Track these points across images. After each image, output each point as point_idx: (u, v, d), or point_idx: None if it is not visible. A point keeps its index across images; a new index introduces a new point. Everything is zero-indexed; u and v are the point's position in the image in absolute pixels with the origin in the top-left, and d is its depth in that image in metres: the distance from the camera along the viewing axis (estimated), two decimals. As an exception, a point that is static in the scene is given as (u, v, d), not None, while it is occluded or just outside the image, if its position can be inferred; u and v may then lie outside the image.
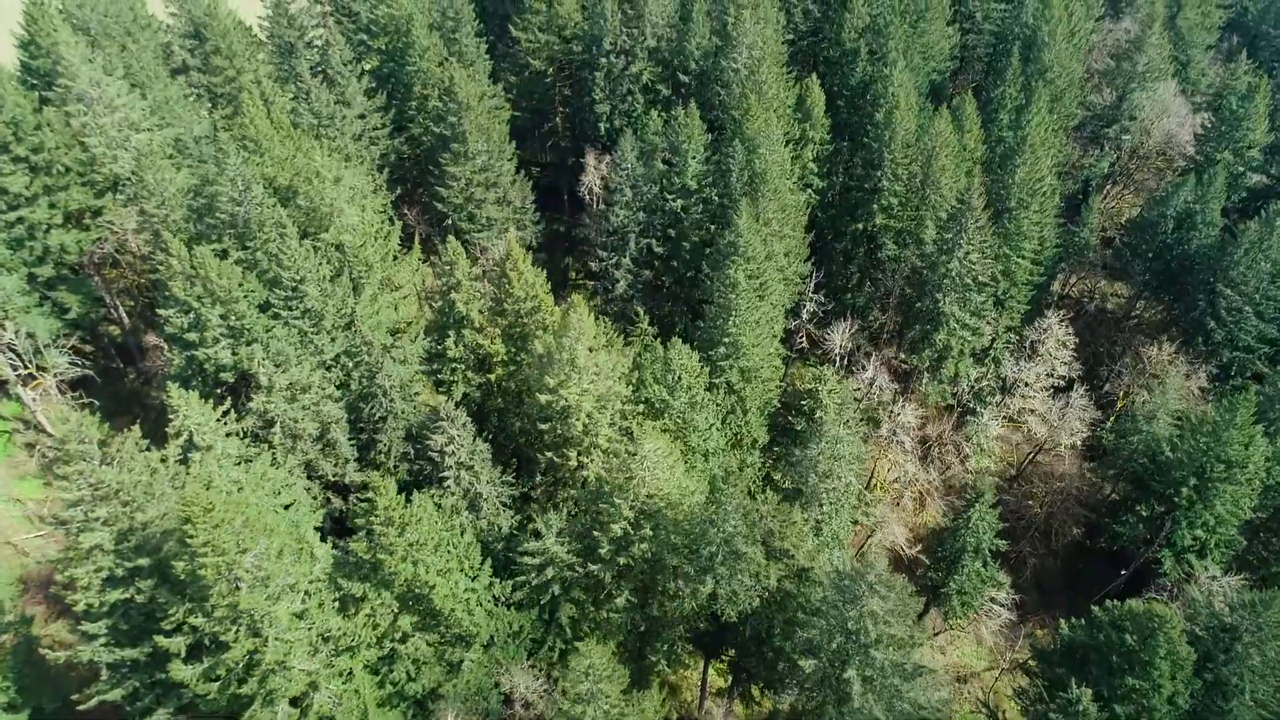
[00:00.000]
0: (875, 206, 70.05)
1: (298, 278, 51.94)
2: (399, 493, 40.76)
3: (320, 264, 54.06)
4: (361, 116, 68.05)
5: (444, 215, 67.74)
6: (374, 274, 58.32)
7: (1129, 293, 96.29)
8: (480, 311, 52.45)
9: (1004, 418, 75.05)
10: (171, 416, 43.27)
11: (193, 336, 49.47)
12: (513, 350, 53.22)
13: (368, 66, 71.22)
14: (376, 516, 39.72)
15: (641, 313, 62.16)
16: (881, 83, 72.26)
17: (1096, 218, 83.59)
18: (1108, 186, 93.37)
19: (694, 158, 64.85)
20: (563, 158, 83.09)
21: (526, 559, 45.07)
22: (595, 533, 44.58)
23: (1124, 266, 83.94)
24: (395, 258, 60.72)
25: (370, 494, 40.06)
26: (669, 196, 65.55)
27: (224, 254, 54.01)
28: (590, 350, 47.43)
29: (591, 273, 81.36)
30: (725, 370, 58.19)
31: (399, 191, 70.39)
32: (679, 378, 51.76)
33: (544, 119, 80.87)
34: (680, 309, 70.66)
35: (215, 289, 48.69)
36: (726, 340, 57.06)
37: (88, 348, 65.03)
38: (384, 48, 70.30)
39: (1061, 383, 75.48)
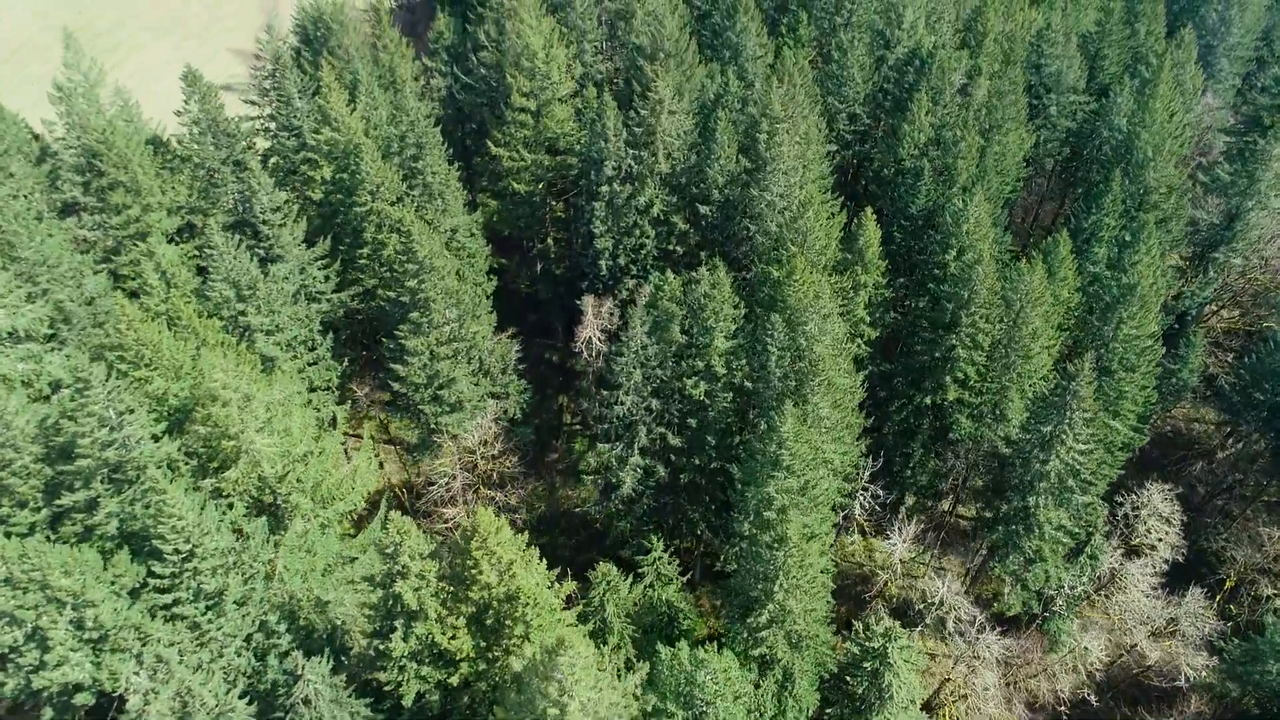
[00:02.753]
0: (948, 379, 56.63)
1: (186, 547, 38.53)
2: None
3: (222, 517, 40.75)
4: (300, 270, 54.71)
5: (403, 395, 54.34)
6: (304, 505, 45.00)
7: (1218, 418, 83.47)
8: (437, 595, 38.96)
9: (1102, 629, 61.79)
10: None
11: (31, 656, 36.03)
12: (483, 644, 39.72)
13: (314, 196, 57.95)
14: None
15: (655, 540, 48.96)
16: (953, 217, 59.04)
17: (1199, 354, 70.47)
18: (1209, 311, 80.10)
19: (722, 334, 51.47)
20: (555, 286, 69.95)
21: None
22: None
23: (1233, 411, 70.62)
24: (349, 477, 47.36)
25: None
26: (689, 380, 52.18)
27: (92, 505, 40.75)
28: (592, 688, 33.91)
29: (589, 422, 68.49)
30: (765, 640, 44.78)
31: (346, 363, 56.91)
32: (707, 695, 38.24)
33: (534, 238, 67.71)
34: (702, 510, 57.18)
35: (59, 591, 35.27)
36: (770, 607, 43.64)
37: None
38: (329, 178, 57.04)
39: (1164, 564, 62.92)
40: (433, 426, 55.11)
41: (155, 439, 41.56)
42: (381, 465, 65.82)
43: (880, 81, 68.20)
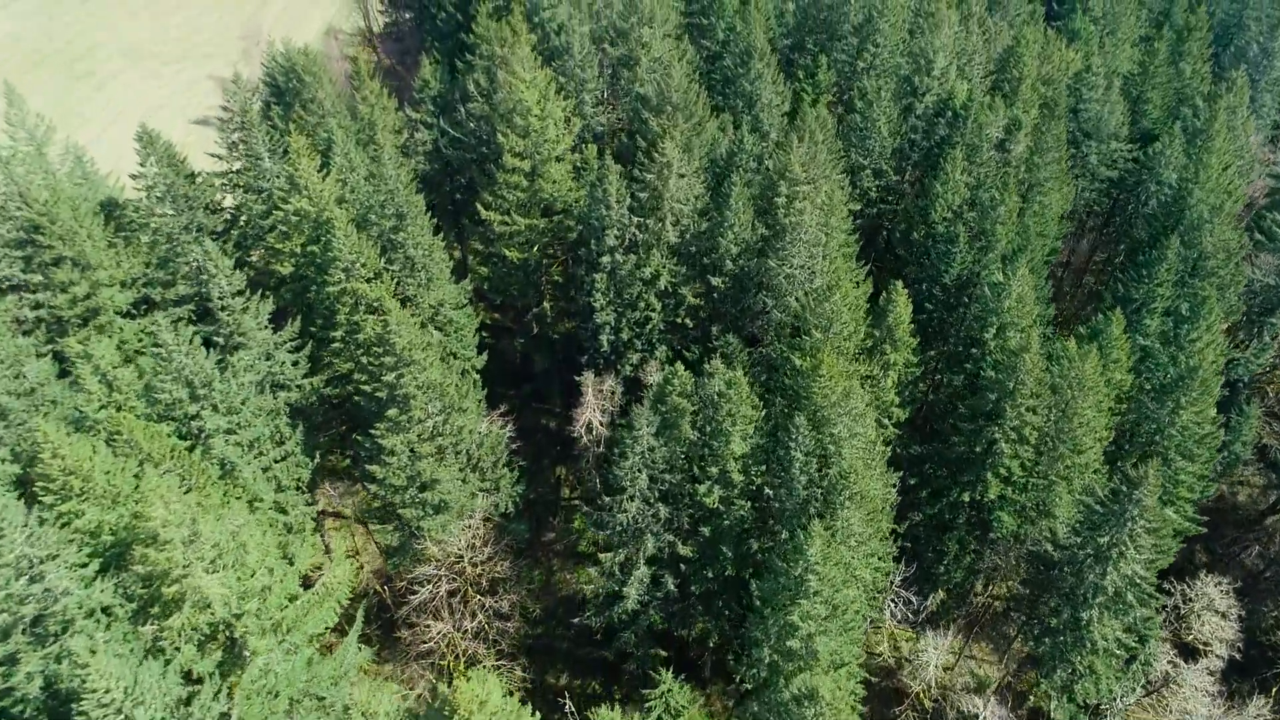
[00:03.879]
0: (990, 475, 51.19)
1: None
2: None
3: (164, 669, 35.38)
4: (266, 357, 49.33)
5: (380, 496, 48.94)
6: (262, 646, 39.55)
7: (1264, 482, 78.44)
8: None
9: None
10: None
11: None
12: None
13: (284, 270, 52.58)
14: None
15: (664, 673, 43.64)
16: (992, 290, 53.73)
17: (1254, 426, 65.25)
18: (1262, 376, 74.65)
19: (739, 436, 46.04)
20: (552, 355, 64.61)
21: None
22: None
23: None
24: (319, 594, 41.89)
25: None
26: (701, 485, 46.77)
27: (11, 661, 35.33)
28: None
29: (590, 495, 63.23)
30: (794, 802, 39.30)
31: (318, 459, 51.47)
32: None
33: (529, 303, 62.36)
34: (715, 620, 51.69)
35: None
36: (798, 770, 38.18)
37: None
38: (298, 250, 51.69)
39: (1220, 662, 58.19)
40: (414, 530, 49.71)
41: (86, 583, 36.13)
42: (357, 560, 60.42)
43: (907, 132, 62.89)
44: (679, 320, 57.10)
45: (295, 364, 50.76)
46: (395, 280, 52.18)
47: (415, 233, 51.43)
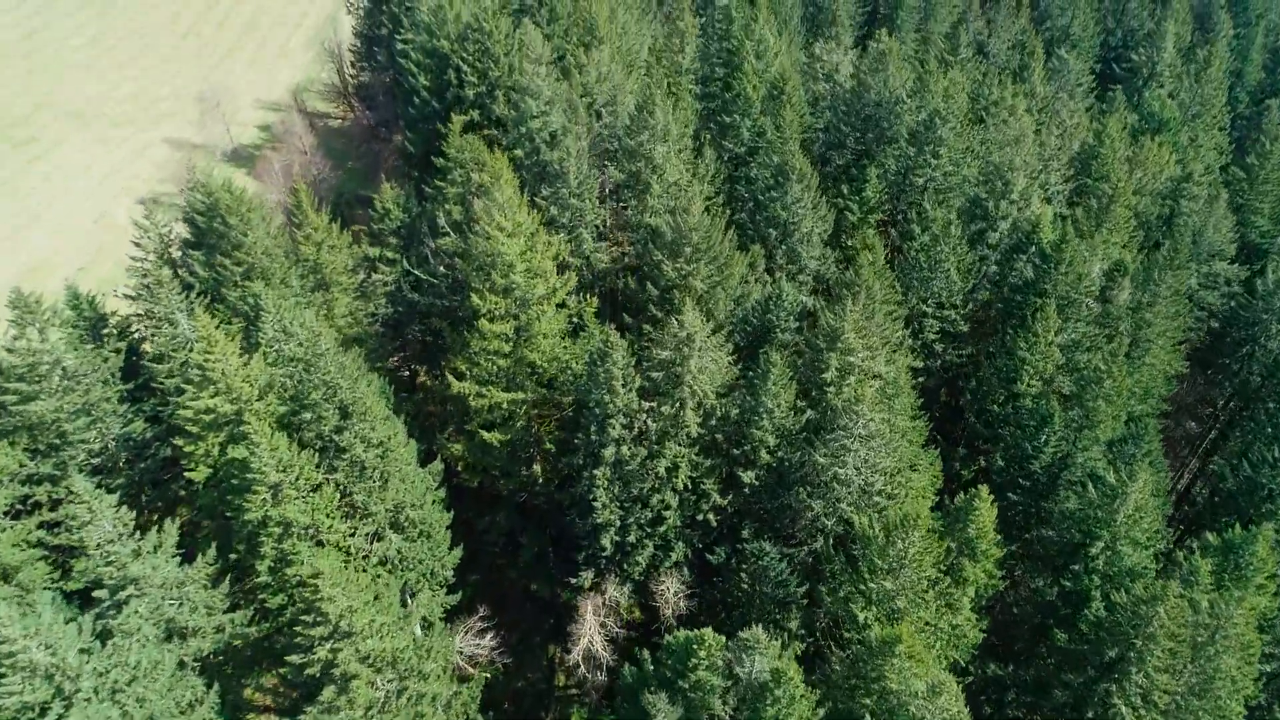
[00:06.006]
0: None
1: None
2: None
3: None
4: (175, 602, 38.42)
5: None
6: None
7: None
8: None
9: None
10: None
11: None
12: None
13: (198, 476, 41.76)
14: None
15: None
16: (1100, 494, 42.78)
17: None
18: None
19: (787, 735, 35.01)
20: (542, 534, 53.75)
21: None
22: None
23: None
24: None
25: None
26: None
27: None
28: None
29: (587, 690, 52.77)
30: None
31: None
32: None
33: (513, 485, 51.42)
34: None
35: None
36: None
37: None
38: (215, 453, 40.82)
39: None
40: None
41: None
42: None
43: (979, 264, 52.00)
44: (702, 516, 46.17)
45: (209, 611, 39.75)
46: (339, 491, 41.30)
47: (364, 430, 40.51)
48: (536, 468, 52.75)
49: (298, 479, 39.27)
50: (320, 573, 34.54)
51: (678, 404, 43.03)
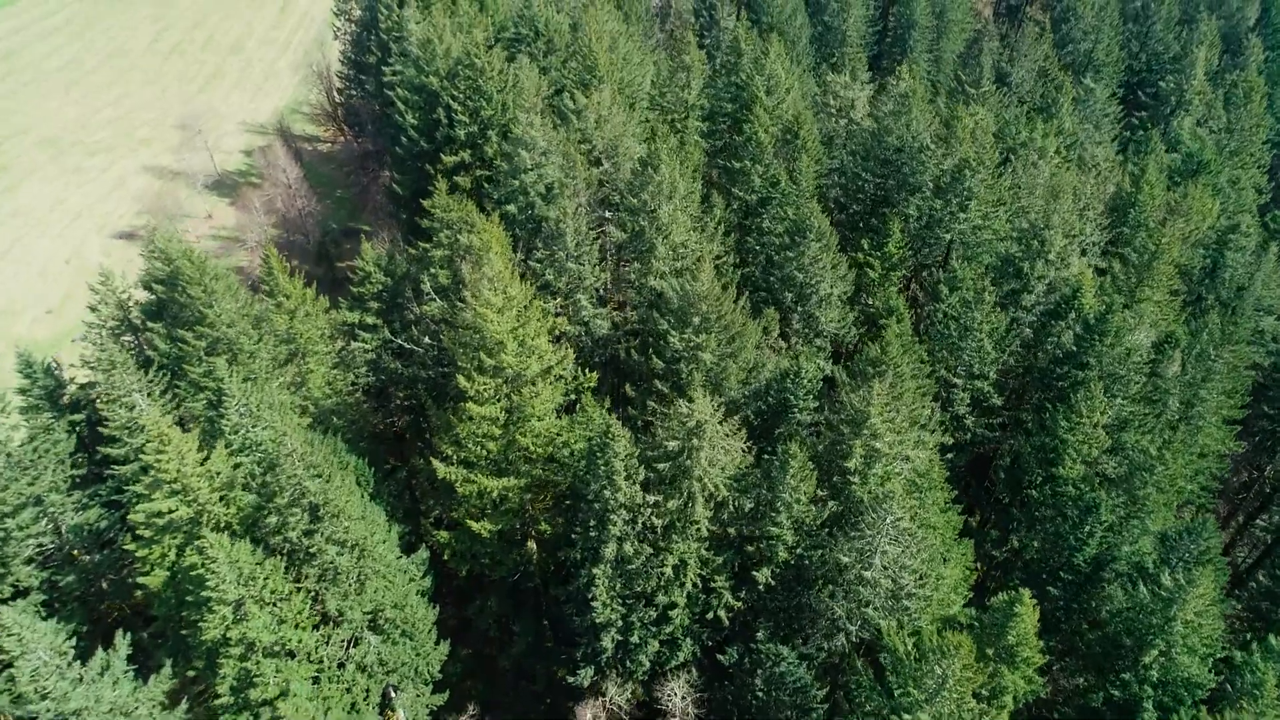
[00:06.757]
0: None
1: None
2: None
3: None
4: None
5: None
6: None
7: None
8: None
9: None
10: None
11: None
12: None
13: (153, 583, 37.73)
14: None
15: None
16: (1156, 599, 38.79)
17: None
18: None
19: None
20: (538, 624, 49.67)
21: None
22: None
23: None
24: None
25: None
26: None
27: None
28: None
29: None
30: None
31: None
32: None
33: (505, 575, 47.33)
34: None
35: None
36: None
37: None
38: (171, 556, 36.78)
39: None
40: None
41: None
42: None
43: (1009, 323, 47.94)
44: (713, 615, 42.11)
45: (161, 737, 35.66)
46: (310, 598, 37.28)
47: (337, 533, 36.49)
48: (531, 544, 48.74)
49: (263, 590, 35.25)
50: (287, 693, 30.50)
51: (686, 498, 39.03)
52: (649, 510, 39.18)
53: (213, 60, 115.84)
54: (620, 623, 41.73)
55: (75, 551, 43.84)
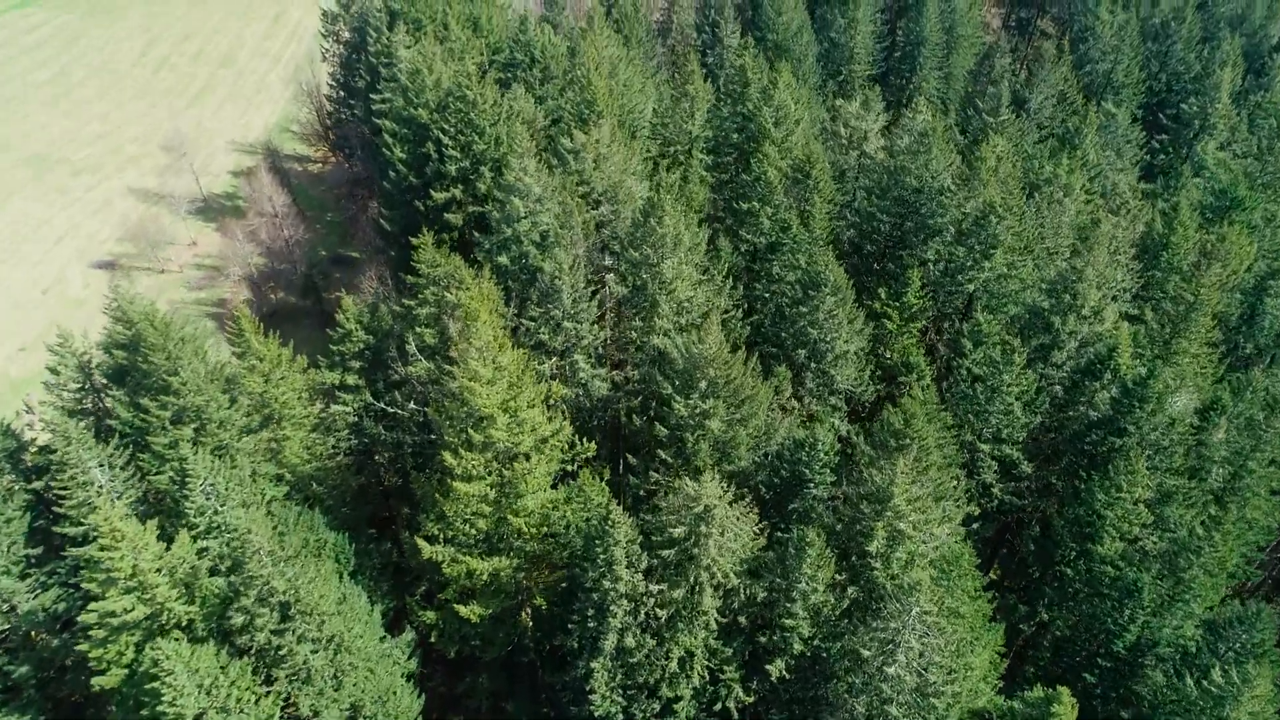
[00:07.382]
0: None
1: None
2: None
3: None
4: None
5: None
6: None
7: None
8: None
9: None
10: None
11: None
12: None
13: (109, 684, 34.40)
14: None
15: None
16: (1204, 692, 35.46)
17: None
18: None
19: None
20: (535, 702, 46.42)
21: None
22: None
23: None
24: None
25: None
26: None
27: None
28: None
29: None
30: None
31: None
32: None
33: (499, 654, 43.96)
34: None
35: None
36: None
37: None
38: (129, 652, 33.49)
39: None
40: None
41: None
42: None
43: (1039, 380, 44.63)
44: (722, 706, 38.83)
45: None
46: (283, 700, 34.01)
47: (309, 631, 33.23)
48: (524, 615, 45.47)
49: (228, 699, 31.99)
50: None
51: (693, 586, 35.75)
52: (652, 600, 35.90)
53: (203, 73, 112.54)
54: (621, 716, 38.47)
55: (33, 633, 40.64)
